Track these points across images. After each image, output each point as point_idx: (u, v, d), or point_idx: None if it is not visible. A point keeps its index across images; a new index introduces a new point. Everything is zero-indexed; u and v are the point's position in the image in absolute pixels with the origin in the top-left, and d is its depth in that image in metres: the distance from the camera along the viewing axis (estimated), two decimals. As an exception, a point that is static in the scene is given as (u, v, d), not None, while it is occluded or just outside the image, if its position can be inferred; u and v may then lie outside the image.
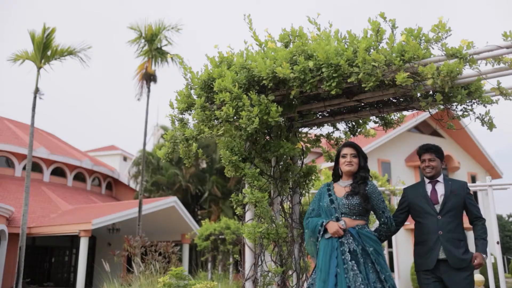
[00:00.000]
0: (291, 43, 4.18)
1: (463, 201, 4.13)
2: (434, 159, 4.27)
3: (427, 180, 4.30)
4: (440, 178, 4.26)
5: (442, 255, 3.98)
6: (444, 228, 4.02)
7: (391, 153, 24.73)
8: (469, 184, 7.52)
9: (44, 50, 16.02)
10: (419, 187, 4.31)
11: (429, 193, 4.19)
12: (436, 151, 4.30)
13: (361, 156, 3.96)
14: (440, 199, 4.13)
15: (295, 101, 4.25)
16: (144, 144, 20.04)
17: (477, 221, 4.10)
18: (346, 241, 3.63)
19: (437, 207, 4.11)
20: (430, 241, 4.05)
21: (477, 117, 3.79)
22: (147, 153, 28.05)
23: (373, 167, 23.62)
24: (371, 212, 3.95)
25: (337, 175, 4.05)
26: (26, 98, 39.03)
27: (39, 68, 16.16)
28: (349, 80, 3.54)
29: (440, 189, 4.19)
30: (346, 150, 3.95)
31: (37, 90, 15.85)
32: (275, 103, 3.90)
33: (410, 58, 3.38)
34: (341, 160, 3.96)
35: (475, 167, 28.27)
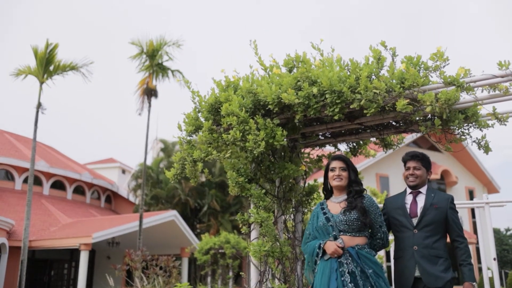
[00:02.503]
0: (295, 68, 4.32)
1: (445, 216, 3.83)
2: (420, 167, 4.00)
3: (408, 191, 4.03)
4: (423, 189, 3.98)
5: (417, 273, 3.73)
6: (420, 243, 3.76)
7: (390, 168, 24.89)
8: (466, 201, 7.66)
9: (47, 65, 16.18)
10: (398, 199, 4.06)
11: (408, 205, 3.93)
12: (422, 159, 4.04)
13: (350, 169, 3.76)
14: (419, 212, 3.86)
15: (299, 123, 4.34)
16: (145, 158, 20.17)
17: (458, 243, 3.80)
18: (345, 261, 3.44)
19: (415, 220, 3.84)
20: (405, 257, 3.82)
21: (474, 141, 3.86)
22: (147, 166, 28.12)
23: (371, 182, 23.79)
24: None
25: (327, 190, 3.89)
26: (26, 111, 39.20)
27: (41, 83, 16.32)
28: (351, 106, 3.67)
29: (421, 201, 3.92)
30: (335, 164, 3.78)
31: (39, 105, 16.00)
32: (280, 127, 4.02)
33: (409, 85, 3.51)
34: (330, 174, 3.78)
35: (473, 182, 28.45)
